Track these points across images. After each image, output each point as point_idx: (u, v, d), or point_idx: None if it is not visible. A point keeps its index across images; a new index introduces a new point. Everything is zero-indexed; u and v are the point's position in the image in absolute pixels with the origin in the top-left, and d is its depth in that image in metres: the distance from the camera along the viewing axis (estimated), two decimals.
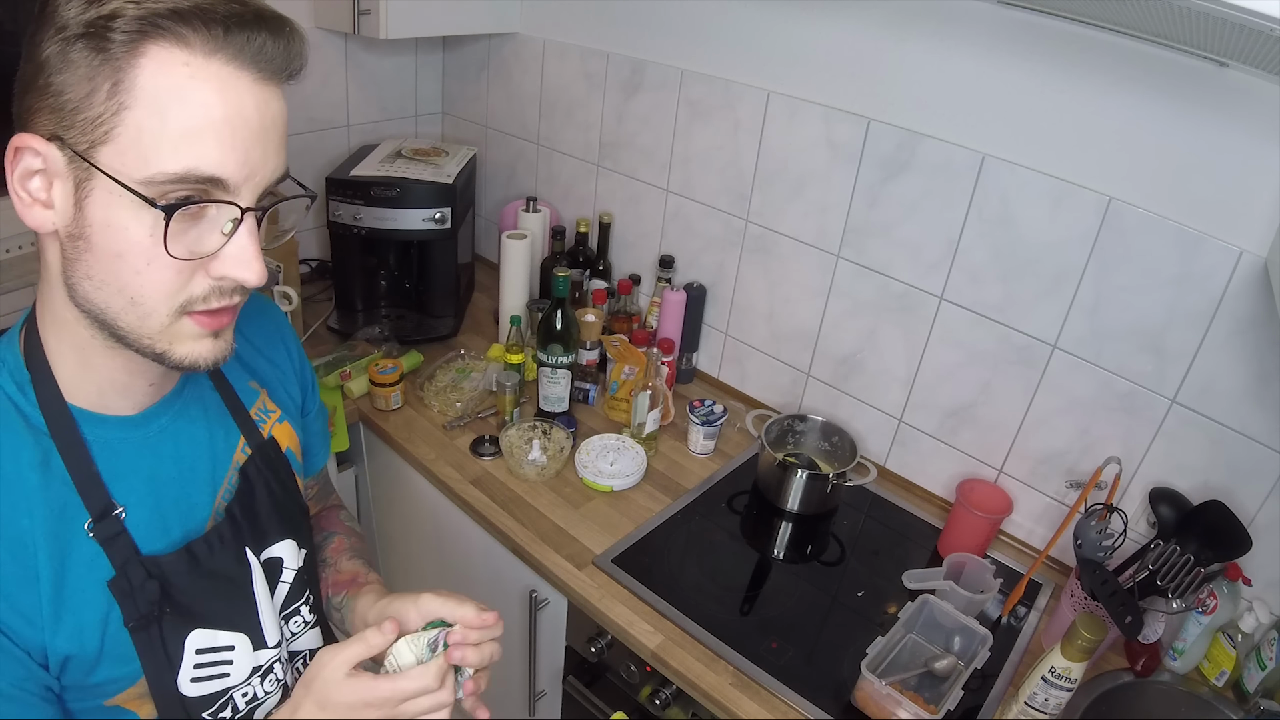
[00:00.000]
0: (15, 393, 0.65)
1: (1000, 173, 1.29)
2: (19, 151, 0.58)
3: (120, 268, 0.58)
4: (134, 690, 0.70)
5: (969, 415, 1.46)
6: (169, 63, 0.55)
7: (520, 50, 1.94)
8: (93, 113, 0.55)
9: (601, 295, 1.74)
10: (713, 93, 1.60)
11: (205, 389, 0.79)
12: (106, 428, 0.69)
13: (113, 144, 0.55)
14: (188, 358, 0.63)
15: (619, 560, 1.34)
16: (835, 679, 1.17)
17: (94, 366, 0.66)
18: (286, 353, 0.90)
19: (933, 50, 1.30)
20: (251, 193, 0.60)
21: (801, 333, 1.64)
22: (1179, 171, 1.14)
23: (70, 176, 0.57)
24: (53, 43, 0.55)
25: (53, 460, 0.65)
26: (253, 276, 0.61)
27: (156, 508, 0.72)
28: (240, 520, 0.78)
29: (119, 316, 0.60)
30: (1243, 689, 1.18)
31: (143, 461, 0.71)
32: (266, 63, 0.58)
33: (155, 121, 0.55)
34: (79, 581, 0.65)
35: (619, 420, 1.67)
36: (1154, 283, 1.19)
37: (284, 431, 0.87)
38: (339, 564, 0.98)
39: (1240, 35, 0.79)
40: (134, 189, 0.55)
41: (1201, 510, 1.16)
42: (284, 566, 0.83)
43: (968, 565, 1.30)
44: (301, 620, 0.87)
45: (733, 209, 1.66)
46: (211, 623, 0.74)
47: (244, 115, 0.57)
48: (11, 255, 1.63)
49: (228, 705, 0.77)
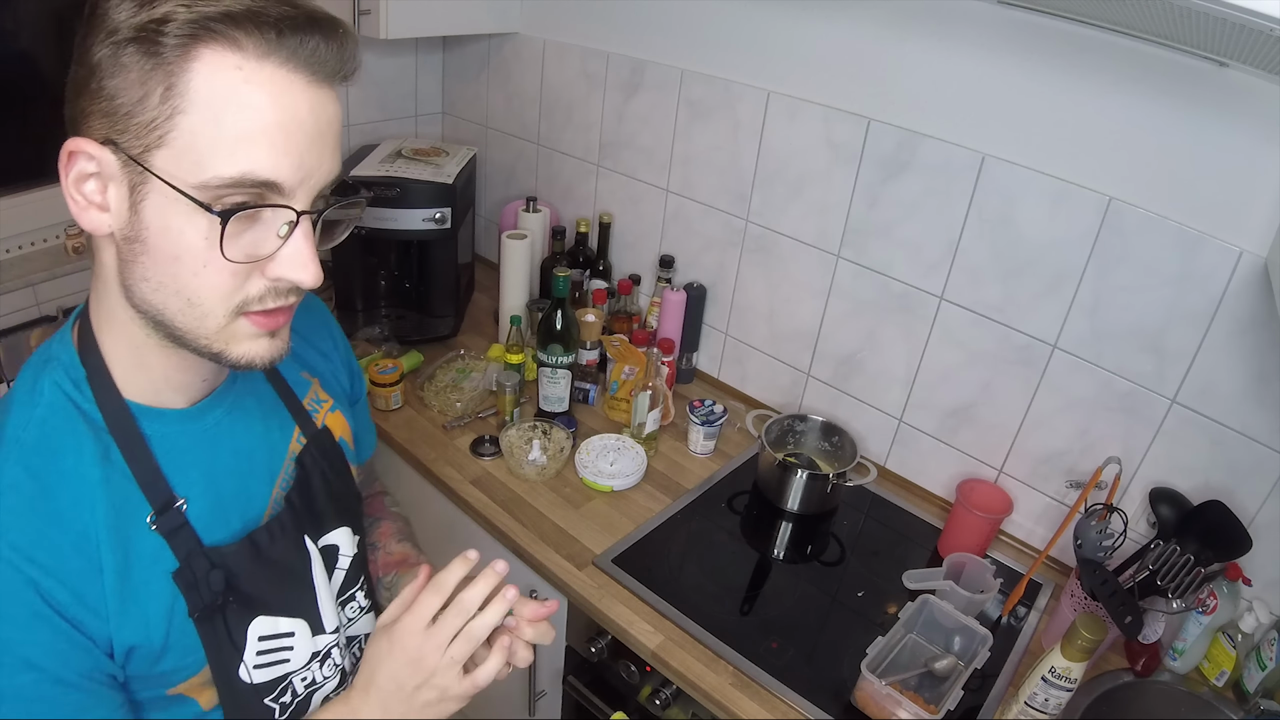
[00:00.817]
0: (72, 390, 0.65)
1: (1000, 173, 1.29)
2: (73, 155, 0.58)
3: (178, 270, 0.58)
4: (197, 679, 0.71)
5: (969, 415, 1.46)
6: (222, 66, 0.54)
7: (520, 50, 1.94)
8: (146, 117, 0.55)
9: (601, 295, 1.74)
10: (713, 93, 1.60)
11: (259, 381, 0.80)
12: (164, 422, 0.69)
13: (167, 148, 0.55)
14: (244, 357, 0.64)
15: (619, 560, 1.34)
16: (835, 679, 1.17)
17: (149, 364, 0.67)
18: (334, 343, 0.92)
19: (932, 50, 1.30)
20: (306, 195, 0.60)
21: (801, 333, 1.64)
22: (1179, 171, 1.14)
23: (125, 180, 0.57)
24: (104, 46, 0.55)
25: (112, 455, 0.66)
26: (308, 278, 0.61)
27: (216, 499, 0.72)
28: (299, 508, 0.79)
29: (176, 317, 0.61)
30: (1243, 689, 1.18)
31: (201, 454, 0.72)
32: (320, 65, 0.58)
33: (209, 126, 0.55)
34: (143, 574, 0.66)
35: (619, 420, 1.67)
36: (1154, 283, 1.19)
37: (336, 420, 0.88)
38: (388, 546, 1.00)
39: (1240, 35, 0.79)
40: (189, 194, 0.56)
41: (1201, 510, 1.16)
42: (340, 553, 0.85)
43: (968, 565, 1.30)
44: (357, 605, 0.88)
45: (733, 209, 1.66)
46: (273, 610, 0.75)
47: (298, 119, 0.57)
48: (12, 255, 1.63)
49: (287, 690, 0.78)
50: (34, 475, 0.62)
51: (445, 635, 0.71)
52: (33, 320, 1.56)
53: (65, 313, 1.58)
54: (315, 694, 0.81)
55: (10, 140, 1.61)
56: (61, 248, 1.66)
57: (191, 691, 0.72)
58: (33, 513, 0.61)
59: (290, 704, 0.78)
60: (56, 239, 1.68)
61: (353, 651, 0.88)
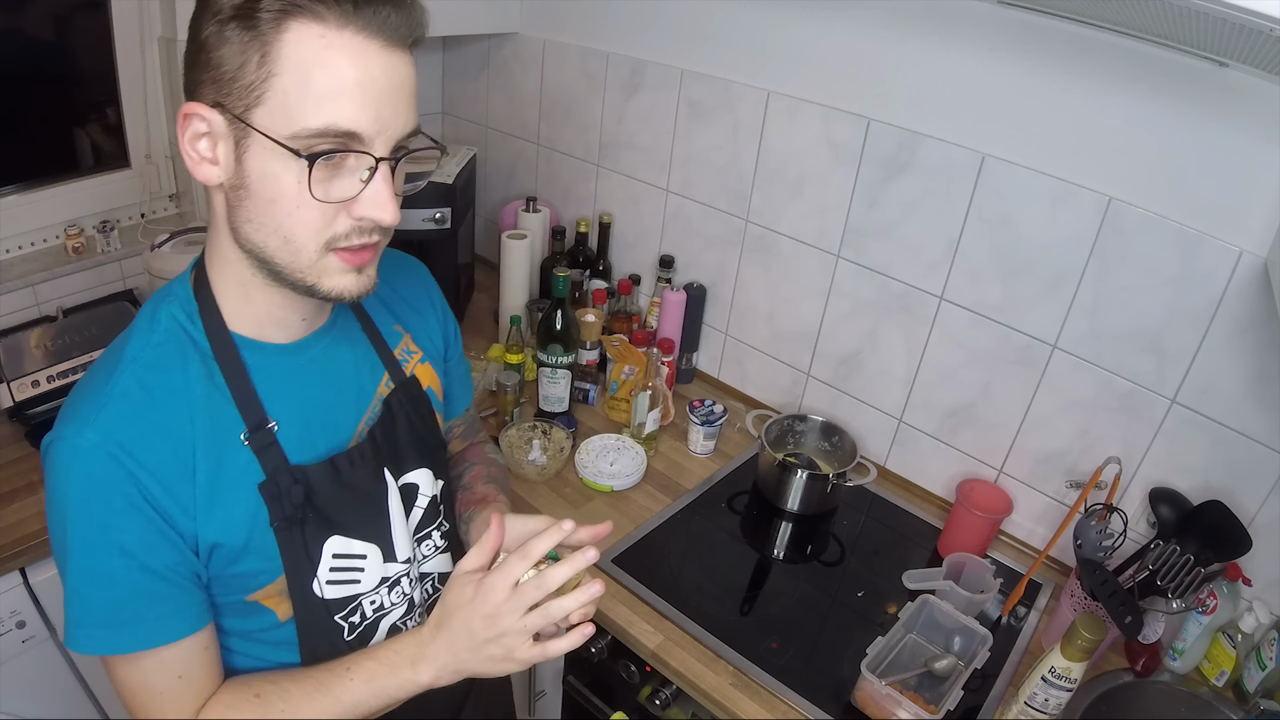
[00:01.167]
0: (185, 321, 0.76)
1: (1000, 173, 1.29)
2: (188, 118, 0.68)
3: (274, 211, 0.68)
4: (273, 587, 0.79)
5: (969, 415, 1.46)
6: (307, 36, 0.63)
7: (520, 50, 1.94)
8: (245, 81, 0.64)
9: (601, 295, 1.74)
10: (713, 93, 1.60)
11: (354, 329, 0.88)
12: (264, 354, 0.78)
13: (264, 106, 0.65)
14: (334, 289, 0.72)
15: (619, 560, 1.34)
16: (835, 679, 1.17)
17: (254, 300, 0.76)
18: (431, 306, 1.00)
19: (932, 50, 1.30)
20: (385, 144, 0.68)
21: (801, 333, 1.64)
22: (1179, 171, 1.14)
23: (230, 136, 0.67)
24: (210, 24, 0.65)
25: (215, 378, 0.75)
26: (387, 216, 0.69)
27: (305, 426, 0.80)
28: (380, 443, 0.85)
29: (275, 254, 0.70)
30: (1243, 689, 1.18)
31: (294, 385, 0.80)
32: (392, 31, 0.66)
33: (298, 85, 0.64)
34: (232, 482, 0.75)
35: (619, 420, 1.67)
36: (1154, 283, 1.19)
37: (425, 371, 0.95)
38: (474, 487, 1.06)
39: (1240, 35, 0.79)
40: (283, 143, 0.65)
41: (1201, 510, 1.16)
42: (419, 492, 0.91)
43: (968, 565, 1.30)
44: (433, 544, 0.95)
45: (733, 209, 1.66)
46: (348, 531, 0.82)
47: (373, 77, 0.65)
48: (11, 255, 1.63)
49: (356, 610, 0.85)
50: (145, 388, 0.72)
51: (524, 603, 0.76)
52: (33, 320, 1.56)
53: (65, 313, 1.58)
54: (383, 619, 0.88)
55: (10, 140, 1.61)
56: (61, 248, 1.66)
57: (268, 601, 0.80)
58: (140, 419, 0.71)
59: (358, 625, 0.85)
60: (56, 239, 1.68)
61: (425, 586, 0.94)
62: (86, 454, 0.69)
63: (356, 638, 0.85)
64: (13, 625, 1.27)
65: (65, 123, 1.71)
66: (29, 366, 1.44)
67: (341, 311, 0.86)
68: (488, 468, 1.10)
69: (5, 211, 1.59)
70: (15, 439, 1.43)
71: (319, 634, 0.82)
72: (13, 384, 1.41)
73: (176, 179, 1.82)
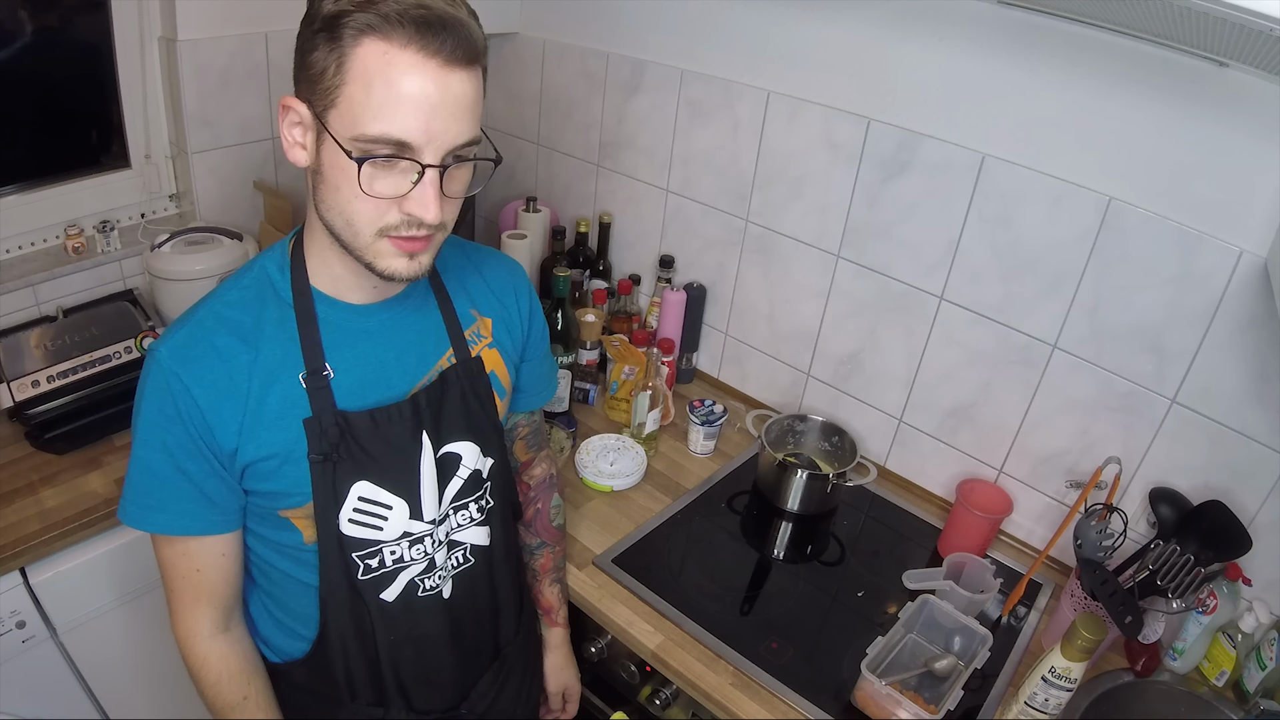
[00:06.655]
0: (275, 273, 0.89)
1: (1000, 173, 1.29)
2: (286, 109, 0.80)
3: (338, 198, 0.79)
4: (303, 510, 0.88)
5: (969, 415, 1.46)
6: (375, 52, 0.72)
7: (520, 50, 1.94)
8: (324, 85, 0.75)
9: (601, 295, 1.74)
10: (713, 93, 1.60)
11: (430, 303, 0.97)
12: (336, 310, 0.89)
13: (336, 109, 0.75)
14: (387, 269, 0.82)
15: (619, 560, 1.34)
16: (835, 679, 1.17)
17: (331, 263, 0.87)
18: (517, 303, 1.07)
19: (932, 50, 1.30)
20: (435, 153, 0.76)
21: (801, 333, 1.64)
22: (1179, 171, 1.14)
23: (314, 128, 0.78)
24: (308, 31, 0.76)
25: (288, 324, 0.87)
26: (429, 215, 0.78)
27: (359, 379, 0.90)
28: (424, 408, 0.92)
29: (340, 232, 0.81)
30: (1243, 689, 1.18)
31: (358, 342, 0.90)
32: (449, 54, 0.74)
33: (362, 95, 0.73)
34: (281, 411, 0.85)
35: (619, 420, 1.67)
36: (1154, 283, 1.19)
37: (492, 356, 1.02)
38: (542, 587, 1.23)
39: (1240, 35, 0.79)
40: (341, 144, 0.75)
41: (1201, 510, 1.16)
42: (461, 463, 0.98)
43: (968, 565, 1.30)
44: (468, 515, 1.01)
45: (733, 209, 1.66)
46: (377, 479, 0.90)
47: (426, 93, 0.74)
48: (11, 255, 1.63)
49: (375, 555, 0.93)
50: (219, 319, 0.85)
51: None
52: (33, 320, 1.56)
53: (65, 312, 1.58)
54: (402, 571, 0.95)
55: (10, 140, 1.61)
56: (61, 248, 1.66)
57: (297, 521, 0.89)
58: (203, 342, 0.84)
59: (375, 569, 0.93)
60: (56, 239, 1.68)
61: (455, 554, 1.01)
62: (157, 363, 0.83)
63: (370, 581, 0.93)
64: (13, 625, 1.27)
65: (65, 123, 1.71)
66: (29, 366, 1.44)
67: (419, 286, 0.95)
68: (554, 555, 1.23)
69: (5, 211, 1.59)
70: (15, 439, 1.43)
71: (335, 565, 0.91)
72: (13, 384, 1.41)
73: (176, 179, 1.82)
